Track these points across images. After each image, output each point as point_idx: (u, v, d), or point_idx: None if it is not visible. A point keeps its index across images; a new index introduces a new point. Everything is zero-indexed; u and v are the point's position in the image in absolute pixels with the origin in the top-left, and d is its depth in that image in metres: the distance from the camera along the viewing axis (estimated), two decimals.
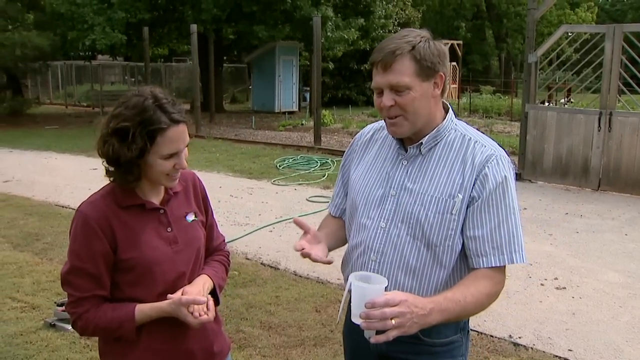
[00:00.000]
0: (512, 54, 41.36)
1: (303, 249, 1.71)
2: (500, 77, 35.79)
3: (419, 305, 1.55)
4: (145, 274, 1.78)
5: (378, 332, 1.54)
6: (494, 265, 1.71)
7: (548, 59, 10.09)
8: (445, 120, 1.79)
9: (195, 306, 1.76)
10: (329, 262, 1.77)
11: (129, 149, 1.68)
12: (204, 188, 2.02)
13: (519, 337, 4.21)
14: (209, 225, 2.01)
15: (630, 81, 8.94)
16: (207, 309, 1.79)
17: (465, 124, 1.86)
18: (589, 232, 6.84)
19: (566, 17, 35.80)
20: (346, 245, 1.98)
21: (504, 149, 1.80)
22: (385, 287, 1.63)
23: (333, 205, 2.08)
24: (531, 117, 9.56)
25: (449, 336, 1.82)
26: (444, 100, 1.82)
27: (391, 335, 1.52)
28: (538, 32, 24.78)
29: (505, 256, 1.71)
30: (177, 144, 1.73)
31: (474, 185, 1.71)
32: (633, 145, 8.63)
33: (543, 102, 12.55)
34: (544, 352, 4.00)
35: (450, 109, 1.83)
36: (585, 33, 10.37)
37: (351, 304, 1.60)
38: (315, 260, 1.71)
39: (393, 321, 1.51)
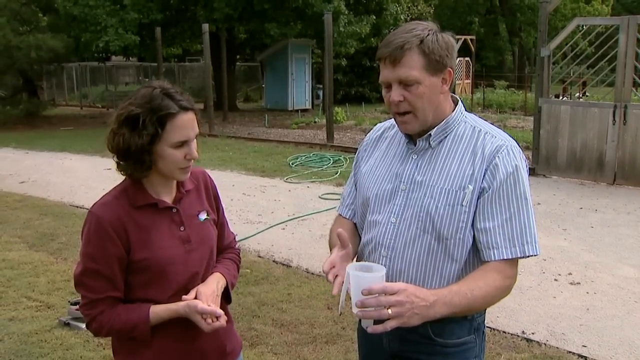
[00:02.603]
0: (525, 49, 40.98)
1: (333, 266, 1.69)
2: (514, 72, 35.49)
3: (420, 296, 1.52)
4: (159, 274, 1.78)
5: (377, 323, 1.52)
6: (505, 257, 1.67)
7: (561, 52, 9.99)
8: (455, 112, 1.78)
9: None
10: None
11: (139, 136, 1.68)
12: (215, 186, 2.01)
13: (532, 333, 4.18)
14: (220, 223, 2.01)
15: None
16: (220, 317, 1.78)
17: (475, 116, 1.84)
18: (603, 226, 6.77)
19: (580, 10, 35.37)
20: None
21: (515, 140, 1.77)
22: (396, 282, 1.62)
23: (344, 206, 2.03)
24: (544, 111, 9.48)
25: (461, 337, 1.79)
26: (453, 94, 1.81)
27: (389, 325, 1.49)
28: (552, 26, 24.54)
29: (517, 248, 1.67)
30: (186, 131, 1.73)
31: (484, 176, 1.69)
32: None
33: (558, 96, 12.43)
34: (557, 348, 3.97)
35: (460, 102, 1.81)
36: (599, 25, 10.24)
37: (351, 295, 1.57)
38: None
39: (389, 311, 1.48)
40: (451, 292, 1.59)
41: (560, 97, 12.65)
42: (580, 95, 15.09)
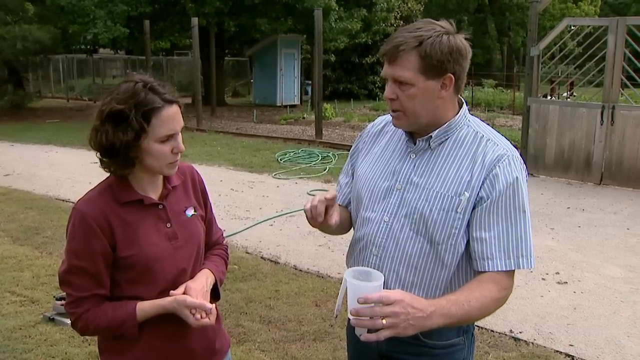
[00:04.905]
0: (514, 48, 41.24)
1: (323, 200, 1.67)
2: (503, 71, 35.68)
3: (417, 307, 1.48)
4: (146, 271, 1.74)
5: (371, 331, 1.50)
6: (499, 269, 1.64)
7: (550, 52, 10.03)
8: (458, 115, 1.73)
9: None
10: (329, 226, 1.73)
11: (124, 132, 1.64)
12: (202, 181, 1.98)
13: (520, 332, 4.19)
14: (207, 219, 1.98)
15: (634, 74, 8.90)
16: (210, 313, 1.75)
17: (479, 120, 1.80)
18: (590, 226, 6.81)
19: (569, 10, 35.64)
20: (350, 238, 1.94)
21: (518, 150, 1.74)
22: (388, 283, 1.58)
23: (341, 195, 2.00)
24: (533, 110, 9.52)
25: (450, 338, 1.78)
26: (459, 96, 1.76)
27: (382, 335, 1.46)
28: (540, 26, 24.72)
29: (512, 261, 1.64)
30: (172, 124, 1.69)
31: (482, 184, 1.65)
32: (636, 139, 8.59)
33: (545, 96, 12.50)
34: (544, 347, 3.98)
35: (465, 105, 1.77)
36: (588, 26, 10.29)
37: (347, 301, 1.55)
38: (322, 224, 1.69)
39: (384, 321, 1.45)
40: (449, 302, 1.56)
41: (549, 97, 12.72)
42: (568, 96, 15.19)
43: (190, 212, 1.87)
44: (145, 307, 1.73)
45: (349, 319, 2.00)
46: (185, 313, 1.70)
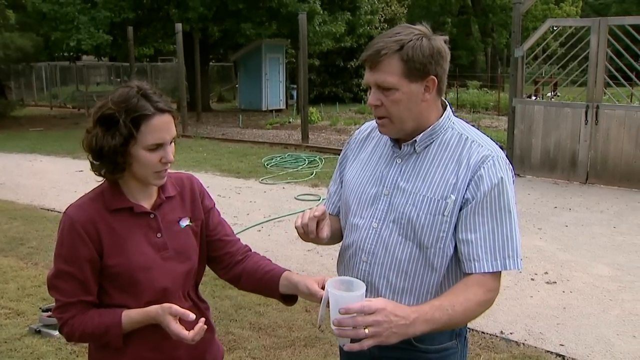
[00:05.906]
0: (497, 49, 41.52)
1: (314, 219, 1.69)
2: (487, 72, 35.89)
3: (400, 314, 1.47)
4: (132, 280, 1.72)
5: (354, 341, 1.48)
6: (485, 270, 1.63)
7: (534, 53, 10.09)
8: (442, 118, 1.73)
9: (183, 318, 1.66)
10: (321, 239, 1.73)
11: (112, 137, 1.63)
12: (202, 187, 1.96)
13: (511, 333, 4.19)
14: (216, 222, 1.94)
15: (616, 74, 8.99)
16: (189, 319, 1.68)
17: (463, 122, 1.79)
18: (577, 225, 6.85)
19: (551, 11, 35.97)
20: (340, 244, 1.93)
21: (503, 150, 1.75)
22: (378, 289, 1.56)
23: (330, 203, 2.00)
24: (518, 111, 9.57)
25: (442, 342, 1.76)
26: (443, 99, 1.76)
27: (365, 344, 1.45)
28: (523, 27, 24.94)
29: (499, 262, 1.63)
30: (162, 133, 1.67)
31: (467, 186, 1.65)
32: (620, 137, 8.66)
33: (529, 96, 12.58)
34: (535, 347, 3.99)
35: (449, 107, 1.77)
36: (570, 27, 10.37)
37: (330, 311, 1.53)
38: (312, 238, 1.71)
39: (367, 330, 1.44)
40: (432, 307, 1.54)
41: (533, 97, 12.80)
42: (552, 96, 15.31)
43: (184, 222, 1.84)
44: (131, 314, 1.71)
45: None
46: (167, 320, 1.65)
